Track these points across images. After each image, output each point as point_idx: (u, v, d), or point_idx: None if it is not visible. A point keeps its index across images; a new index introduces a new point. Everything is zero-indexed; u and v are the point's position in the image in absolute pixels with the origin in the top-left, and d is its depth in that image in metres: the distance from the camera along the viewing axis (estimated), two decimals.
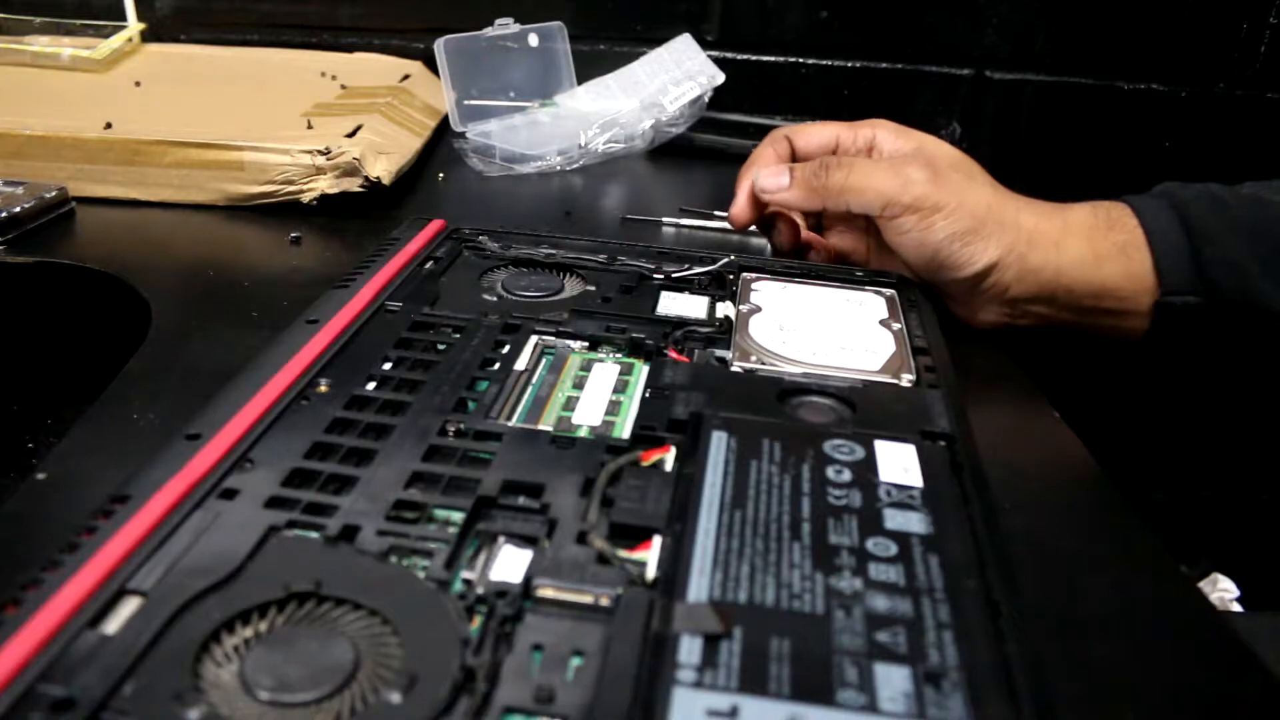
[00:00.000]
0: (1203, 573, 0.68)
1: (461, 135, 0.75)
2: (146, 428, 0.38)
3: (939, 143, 0.53)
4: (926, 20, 0.91)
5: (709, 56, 0.78)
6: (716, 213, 0.63)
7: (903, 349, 0.42)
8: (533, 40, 0.80)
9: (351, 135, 0.63)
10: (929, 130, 0.54)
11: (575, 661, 0.26)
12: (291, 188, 0.60)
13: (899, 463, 0.33)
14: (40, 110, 0.66)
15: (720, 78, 0.77)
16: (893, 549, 0.29)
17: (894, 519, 0.31)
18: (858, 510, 0.31)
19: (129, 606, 0.26)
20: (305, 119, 0.67)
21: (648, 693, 0.24)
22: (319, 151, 0.60)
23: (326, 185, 0.60)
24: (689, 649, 0.25)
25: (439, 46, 0.75)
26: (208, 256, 0.56)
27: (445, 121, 0.77)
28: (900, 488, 0.32)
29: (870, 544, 0.29)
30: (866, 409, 0.37)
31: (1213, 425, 1.00)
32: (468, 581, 0.28)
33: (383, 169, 0.61)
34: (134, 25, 0.87)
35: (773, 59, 0.93)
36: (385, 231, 0.55)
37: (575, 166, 0.73)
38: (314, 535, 0.29)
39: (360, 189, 0.60)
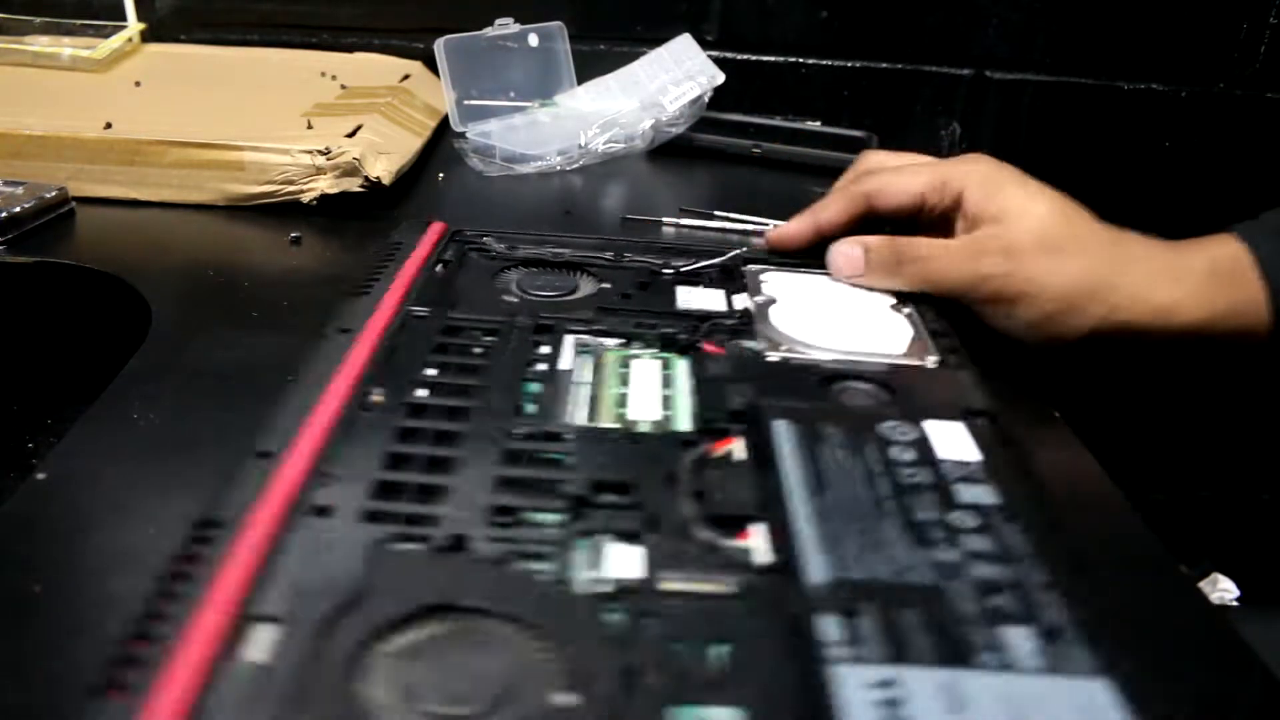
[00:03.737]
0: (1203, 573, 0.68)
1: (461, 135, 0.75)
2: (146, 428, 0.38)
3: (1031, 205, 0.47)
4: (926, 20, 0.91)
5: (709, 56, 0.78)
6: (716, 213, 0.63)
7: (920, 332, 0.43)
8: (533, 40, 0.80)
9: (351, 135, 0.63)
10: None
11: (721, 650, 0.26)
12: (291, 188, 0.60)
13: (952, 440, 0.35)
14: (40, 110, 0.66)
15: (720, 78, 0.77)
16: (973, 521, 0.31)
17: (965, 493, 0.32)
18: (930, 487, 0.32)
19: (267, 633, 0.25)
20: (305, 119, 0.67)
21: (811, 673, 0.25)
22: (319, 151, 0.60)
23: (326, 185, 0.60)
24: (831, 628, 0.26)
25: (439, 46, 0.75)
26: (208, 256, 0.56)
27: (445, 121, 0.77)
28: (961, 464, 0.34)
29: (952, 517, 0.31)
30: (905, 391, 0.39)
31: (1212, 425, 1.00)
32: (592, 581, 0.28)
33: (383, 169, 0.61)
34: (134, 25, 0.87)
35: (773, 59, 0.93)
36: (385, 232, 0.55)
37: (575, 166, 0.73)
38: (421, 547, 0.29)
39: (360, 189, 0.60)
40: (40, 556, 0.31)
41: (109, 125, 0.63)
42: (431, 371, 0.38)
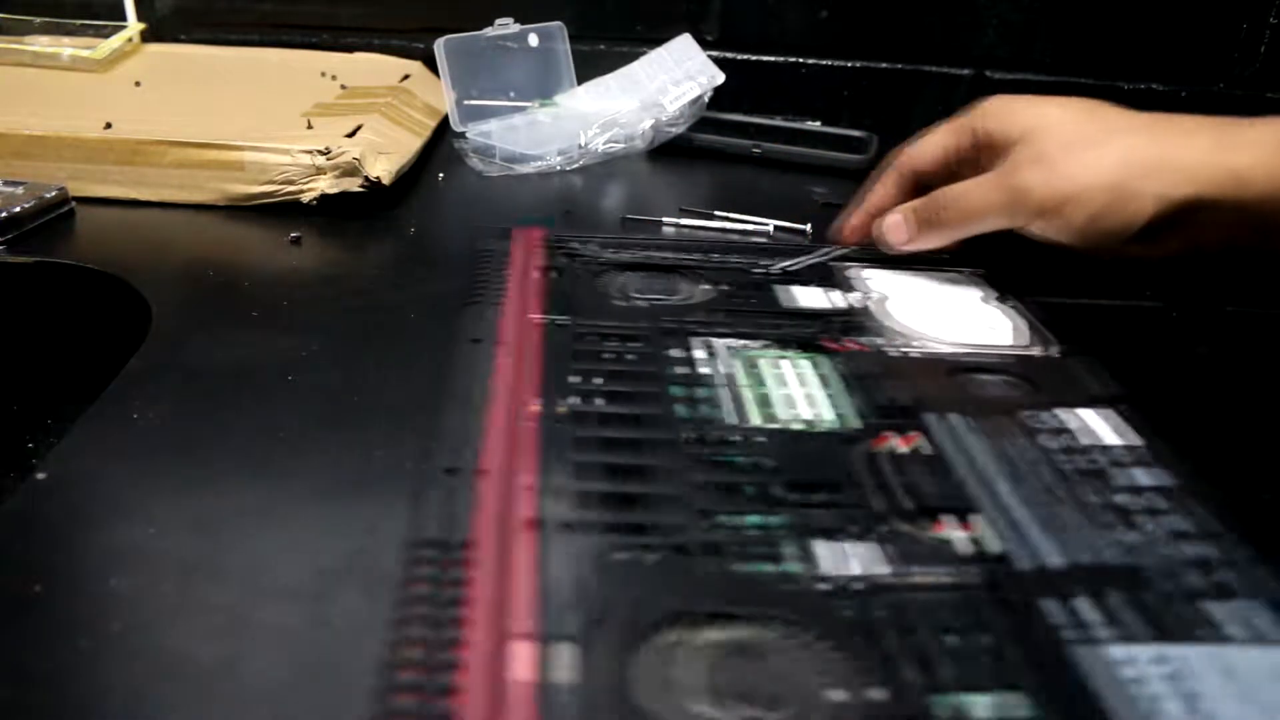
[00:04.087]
0: None
1: (461, 135, 0.75)
2: (146, 428, 0.38)
3: (1049, 112, 0.47)
4: (926, 20, 0.91)
5: (709, 56, 0.78)
6: (716, 213, 0.63)
7: (1032, 322, 0.45)
8: (533, 40, 0.80)
9: (352, 135, 0.63)
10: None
11: (961, 639, 0.27)
12: (291, 188, 0.60)
13: (1104, 426, 0.36)
14: (40, 110, 0.66)
15: (720, 78, 0.77)
16: (1159, 502, 0.32)
17: (1140, 476, 0.33)
18: (1107, 472, 0.34)
19: (528, 651, 0.25)
20: (305, 119, 0.67)
21: (1062, 655, 0.26)
22: (319, 151, 0.60)
23: (326, 185, 0.60)
24: (1058, 611, 0.27)
25: (439, 46, 0.75)
26: (208, 256, 0.56)
27: (445, 121, 0.77)
28: (1128, 448, 0.35)
29: (1137, 500, 0.32)
30: (1039, 381, 0.40)
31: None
32: (820, 578, 0.29)
33: (383, 169, 0.61)
34: (134, 25, 0.87)
35: (773, 59, 0.93)
36: (386, 231, 0.55)
37: (575, 166, 0.73)
38: (648, 555, 0.29)
39: (360, 189, 0.60)
40: (40, 556, 0.31)
41: (109, 125, 0.63)
42: (576, 379, 0.38)
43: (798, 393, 0.39)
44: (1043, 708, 0.24)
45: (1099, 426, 0.36)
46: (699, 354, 0.41)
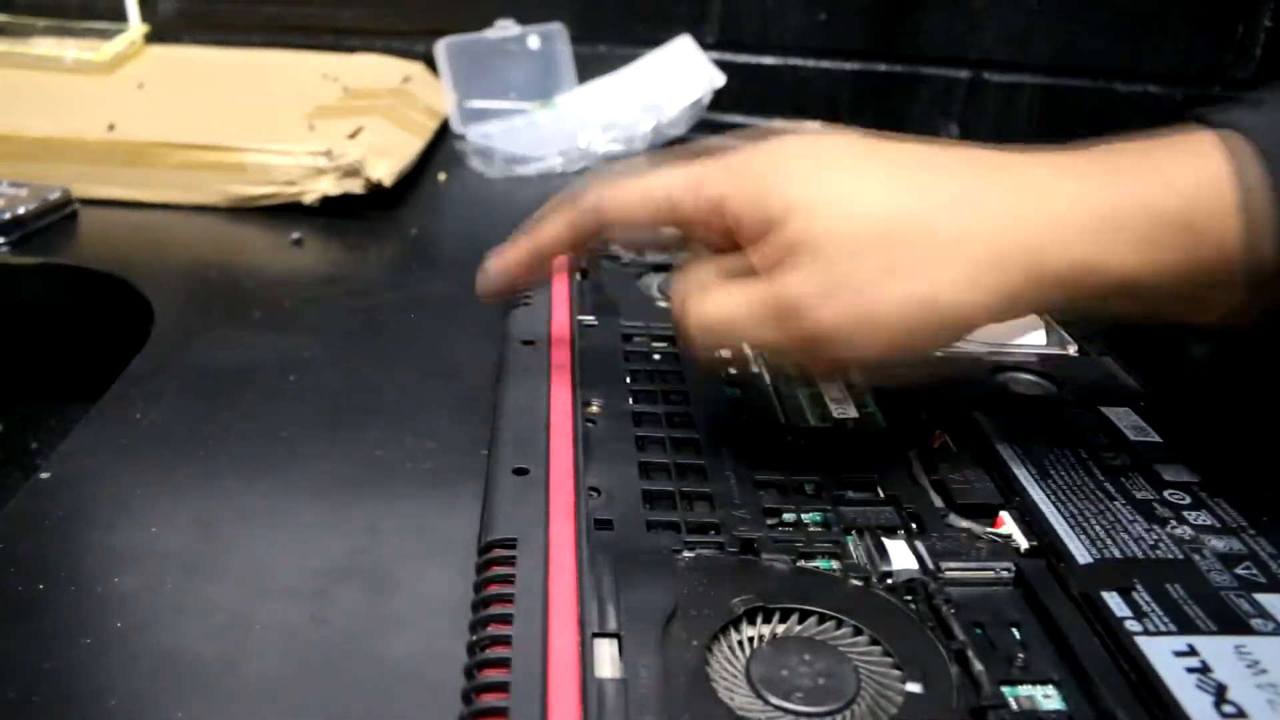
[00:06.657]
0: None
1: (462, 137, 0.75)
2: (149, 428, 0.38)
3: (826, 190, 0.31)
4: (924, 22, 0.91)
5: (709, 58, 0.78)
6: None
7: (1051, 324, 0.45)
8: (533, 42, 0.80)
9: (353, 137, 0.63)
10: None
11: (1017, 632, 0.27)
12: (293, 189, 0.61)
13: (1129, 423, 0.37)
14: (43, 112, 0.66)
15: (720, 80, 0.77)
16: (1186, 497, 0.32)
17: (1167, 472, 0.34)
18: (1135, 468, 0.34)
19: (607, 649, 0.25)
20: (307, 121, 0.67)
21: (1121, 647, 0.26)
22: (321, 153, 0.60)
23: (328, 187, 0.61)
24: (1116, 604, 0.27)
25: (440, 48, 0.75)
26: (210, 257, 0.56)
27: (446, 123, 0.77)
28: (1150, 445, 0.35)
29: (1167, 495, 0.33)
30: (1067, 380, 0.40)
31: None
32: (882, 574, 0.29)
33: (384, 170, 0.62)
34: (137, 27, 0.88)
35: (772, 61, 0.93)
36: (387, 232, 0.56)
37: (576, 168, 0.74)
38: (717, 553, 0.29)
39: (362, 190, 0.61)
40: (43, 555, 0.31)
41: (112, 127, 0.63)
42: (629, 379, 0.39)
43: (844, 391, 0.39)
44: (1109, 698, 0.25)
45: (1123, 423, 0.37)
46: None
